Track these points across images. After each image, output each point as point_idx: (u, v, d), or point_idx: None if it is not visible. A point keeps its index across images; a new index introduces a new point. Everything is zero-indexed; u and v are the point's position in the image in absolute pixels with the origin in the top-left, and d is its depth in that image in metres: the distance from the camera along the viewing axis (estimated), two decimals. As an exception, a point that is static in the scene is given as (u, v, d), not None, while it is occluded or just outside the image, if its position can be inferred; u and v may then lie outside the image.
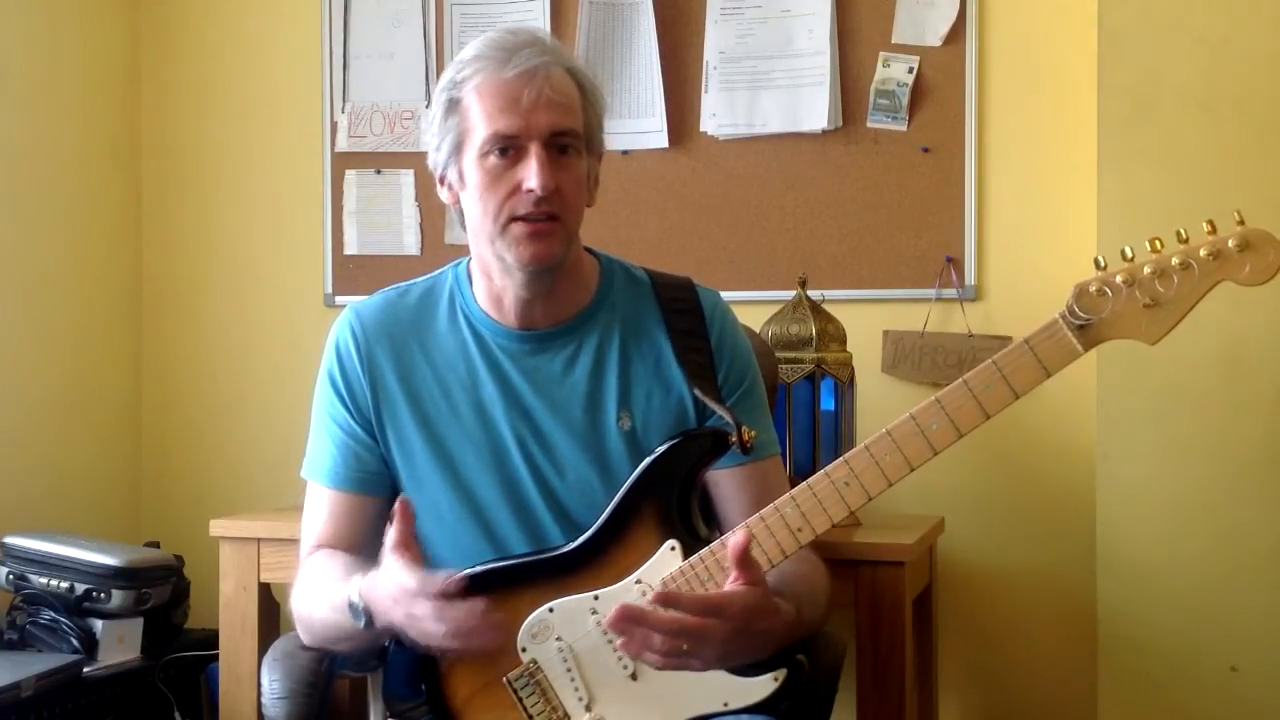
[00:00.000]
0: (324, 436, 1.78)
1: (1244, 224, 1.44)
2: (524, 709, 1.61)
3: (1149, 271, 1.46)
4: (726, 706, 1.56)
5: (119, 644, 2.61)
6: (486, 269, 1.73)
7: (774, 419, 1.89)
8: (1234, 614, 2.26)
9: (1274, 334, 2.22)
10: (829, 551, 1.74)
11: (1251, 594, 2.25)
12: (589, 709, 1.60)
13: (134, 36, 3.16)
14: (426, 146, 1.75)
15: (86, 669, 2.50)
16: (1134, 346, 1.51)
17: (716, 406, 1.68)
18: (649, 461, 1.63)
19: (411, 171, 2.96)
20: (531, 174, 1.62)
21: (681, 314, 1.76)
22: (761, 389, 1.80)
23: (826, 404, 2.42)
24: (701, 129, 2.79)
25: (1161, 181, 2.28)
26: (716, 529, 1.72)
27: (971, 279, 2.64)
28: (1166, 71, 2.28)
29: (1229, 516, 2.26)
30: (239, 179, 3.11)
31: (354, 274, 3.00)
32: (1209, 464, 2.27)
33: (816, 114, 2.71)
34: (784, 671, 1.55)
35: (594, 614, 1.59)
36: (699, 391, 1.70)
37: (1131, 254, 1.47)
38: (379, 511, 1.76)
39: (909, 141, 2.68)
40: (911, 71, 2.67)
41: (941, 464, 1.56)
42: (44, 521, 2.79)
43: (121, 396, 3.14)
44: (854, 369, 2.47)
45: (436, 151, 1.71)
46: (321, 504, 1.78)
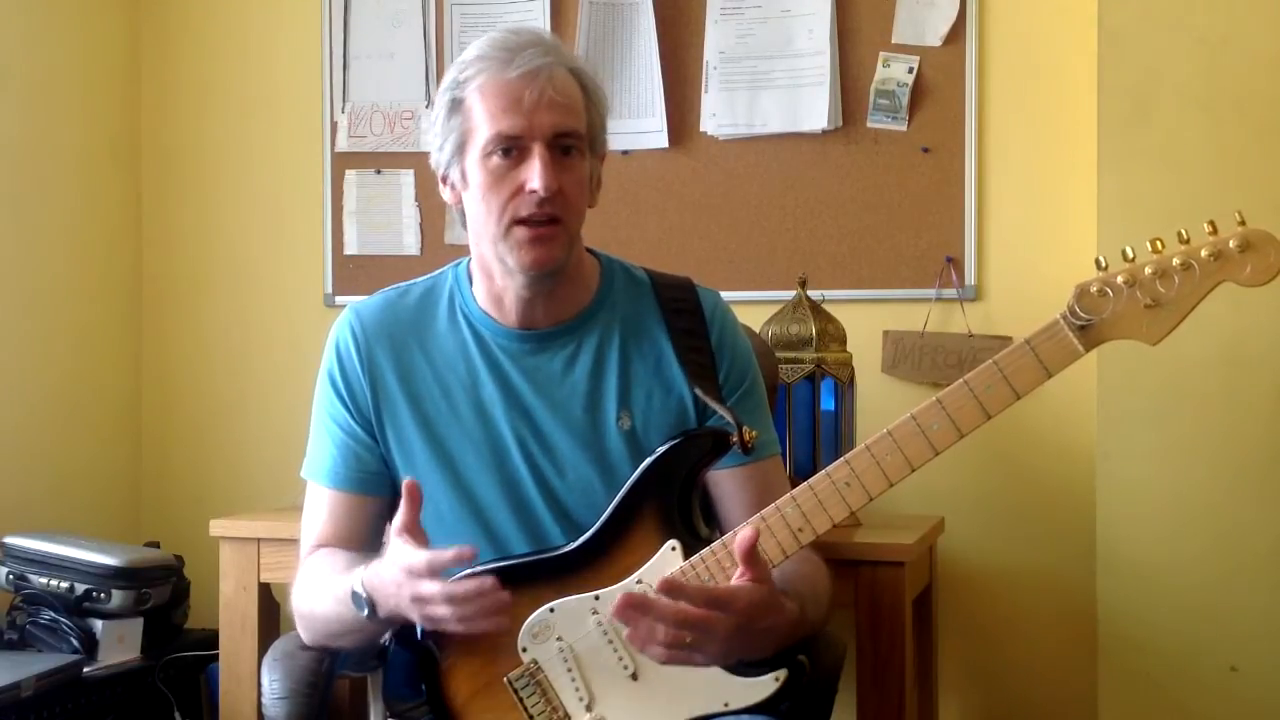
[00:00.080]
0: (324, 436, 1.78)
1: (1245, 224, 1.44)
2: (524, 709, 1.61)
3: (1150, 272, 1.46)
4: (727, 706, 1.56)
5: (119, 644, 2.61)
6: (487, 269, 1.73)
7: (774, 419, 1.89)
8: (1234, 614, 2.26)
9: (1274, 334, 2.22)
10: (829, 551, 1.74)
11: (1251, 594, 2.25)
12: (589, 709, 1.60)
13: (134, 36, 3.16)
14: (429, 146, 1.74)
15: (86, 669, 2.49)
16: (1134, 347, 1.51)
17: (717, 406, 1.68)
18: (650, 461, 1.63)
19: (411, 171, 2.96)
20: (534, 175, 1.62)
21: (682, 314, 1.76)
22: (762, 389, 1.80)
23: (826, 404, 2.42)
24: (701, 129, 2.79)
25: (1161, 181, 2.28)
26: (717, 529, 1.72)
27: (971, 279, 2.64)
28: (1166, 71, 2.29)
29: (1229, 516, 2.26)
30: (239, 179, 3.11)
31: (354, 274, 3.00)
32: (1209, 464, 2.27)
33: (816, 114, 2.71)
34: (785, 672, 1.55)
35: (594, 614, 1.59)
36: (700, 391, 1.70)
37: (1133, 254, 1.48)
38: (379, 511, 1.76)
39: (909, 141, 2.68)
40: (911, 71, 2.66)
41: (941, 464, 1.56)
42: (44, 521, 2.79)
43: (121, 396, 3.14)
44: (854, 369, 2.47)
45: (439, 151, 1.71)
46: (321, 504, 1.77)
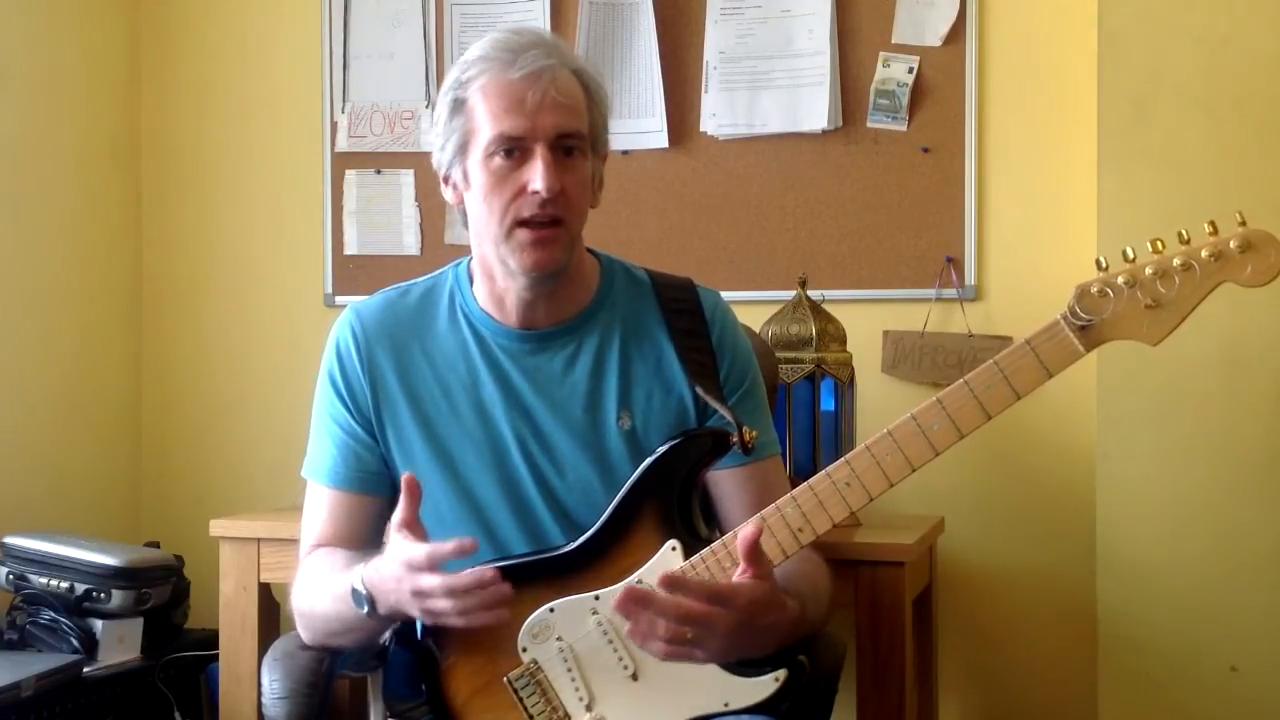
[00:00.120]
0: (324, 436, 1.78)
1: (1245, 225, 1.44)
2: (524, 709, 1.61)
3: (1150, 272, 1.46)
4: (727, 706, 1.56)
5: (119, 644, 2.61)
6: (488, 269, 1.73)
7: (774, 419, 1.89)
8: (1234, 614, 2.26)
9: (1274, 334, 2.22)
10: (829, 551, 1.74)
11: (1251, 594, 2.25)
12: (590, 709, 1.60)
13: (134, 36, 3.16)
14: (431, 146, 1.74)
15: (86, 669, 2.49)
16: (1134, 347, 1.51)
17: (718, 406, 1.68)
18: (650, 461, 1.63)
19: (411, 171, 2.96)
20: (537, 176, 1.62)
21: (682, 314, 1.76)
22: (762, 389, 1.80)
23: (826, 404, 2.42)
24: (701, 129, 2.78)
25: (1161, 181, 2.28)
26: (717, 529, 1.72)
27: (971, 279, 2.64)
28: (1166, 71, 2.28)
29: (1229, 516, 2.26)
30: (239, 179, 3.11)
31: (354, 274, 3.00)
32: (1209, 464, 2.27)
33: (816, 114, 2.71)
34: (785, 672, 1.55)
35: (594, 614, 1.59)
36: (700, 391, 1.70)
37: (1133, 255, 1.48)
38: (379, 511, 1.76)
39: (909, 141, 2.67)
40: (911, 71, 2.66)
41: (941, 464, 1.56)
42: (44, 521, 2.79)
43: (121, 396, 3.14)
44: (854, 369, 2.47)
45: (441, 151, 1.71)
46: (321, 503, 1.77)
